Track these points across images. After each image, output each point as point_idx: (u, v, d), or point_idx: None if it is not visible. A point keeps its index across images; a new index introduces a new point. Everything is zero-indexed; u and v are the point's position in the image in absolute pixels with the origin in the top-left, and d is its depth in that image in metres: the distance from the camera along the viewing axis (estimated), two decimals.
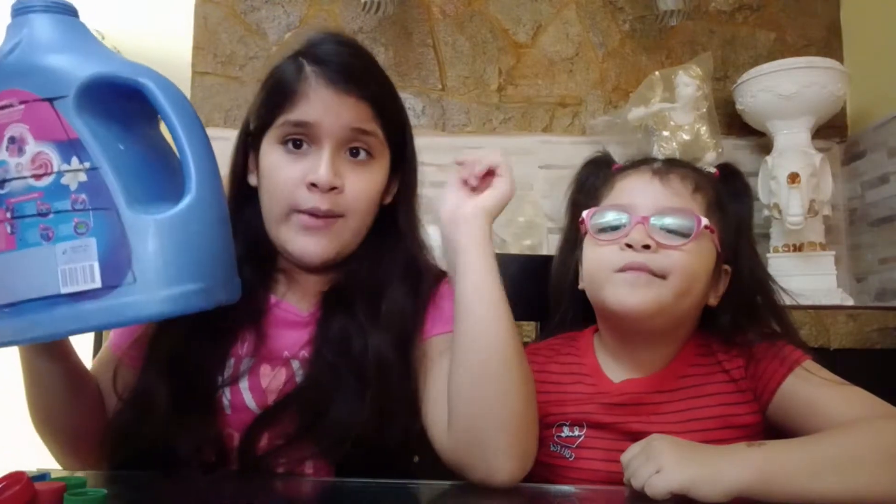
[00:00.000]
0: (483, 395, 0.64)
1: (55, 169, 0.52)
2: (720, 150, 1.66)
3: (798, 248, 1.63)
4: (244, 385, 0.73)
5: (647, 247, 0.74)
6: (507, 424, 0.64)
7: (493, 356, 0.65)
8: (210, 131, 0.61)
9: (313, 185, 0.71)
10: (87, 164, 0.52)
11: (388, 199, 0.81)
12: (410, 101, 1.87)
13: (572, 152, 1.70)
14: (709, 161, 1.64)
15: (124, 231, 0.52)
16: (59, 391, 0.68)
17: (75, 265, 0.51)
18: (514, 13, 1.92)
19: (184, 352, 0.71)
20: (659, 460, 0.61)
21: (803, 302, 1.46)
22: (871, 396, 0.69)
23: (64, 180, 0.52)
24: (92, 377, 0.74)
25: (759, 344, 0.77)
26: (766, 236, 1.73)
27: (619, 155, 0.92)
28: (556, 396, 0.81)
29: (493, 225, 0.71)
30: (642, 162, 0.86)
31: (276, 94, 0.74)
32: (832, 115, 1.72)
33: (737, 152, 1.85)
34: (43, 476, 0.53)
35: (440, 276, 0.80)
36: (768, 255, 1.67)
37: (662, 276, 0.74)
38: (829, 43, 1.92)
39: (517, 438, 0.64)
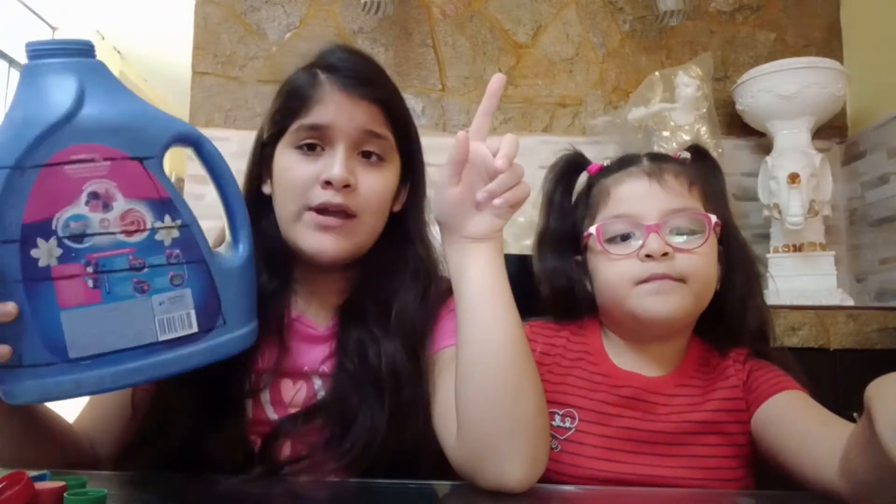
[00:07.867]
0: (489, 401, 0.63)
1: (149, 226, 0.55)
2: (720, 150, 1.66)
3: (798, 249, 1.63)
4: (266, 399, 0.73)
5: (665, 254, 0.74)
6: (516, 429, 0.63)
7: (498, 361, 0.64)
8: (210, 131, 0.61)
9: (328, 182, 0.71)
10: (178, 222, 0.57)
11: (398, 207, 0.81)
12: (410, 102, 1.86)
13: None
14: None
15: (213, 280, 0.58)
16: (24, 442, 0.66)
17: (173, 315, 0.56)
18: (514, 13, 1.92)
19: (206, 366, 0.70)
20: None
21: (803, 302, 1.47)
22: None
23: (158, 237, 0.56)
24: (59, 420, 0.71)
25: (758, 361, 0.78)
26: (766, 236, 1.73)
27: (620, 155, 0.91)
28: (557, 377, 0.81)
29: None
30: (628, 163, 0.83)
31: (291, 101, 0.75)
32: (832, 116, 1.72)
33: (737, 152, 1.86)
34: (43, 476, 0.52)
35: (449, 291, 0.78)
36: (768, 255, 1.67)
37: (682, 280, 0.75)
38: (829, 43, 1.92)
39: (526, 443, 0.63)
